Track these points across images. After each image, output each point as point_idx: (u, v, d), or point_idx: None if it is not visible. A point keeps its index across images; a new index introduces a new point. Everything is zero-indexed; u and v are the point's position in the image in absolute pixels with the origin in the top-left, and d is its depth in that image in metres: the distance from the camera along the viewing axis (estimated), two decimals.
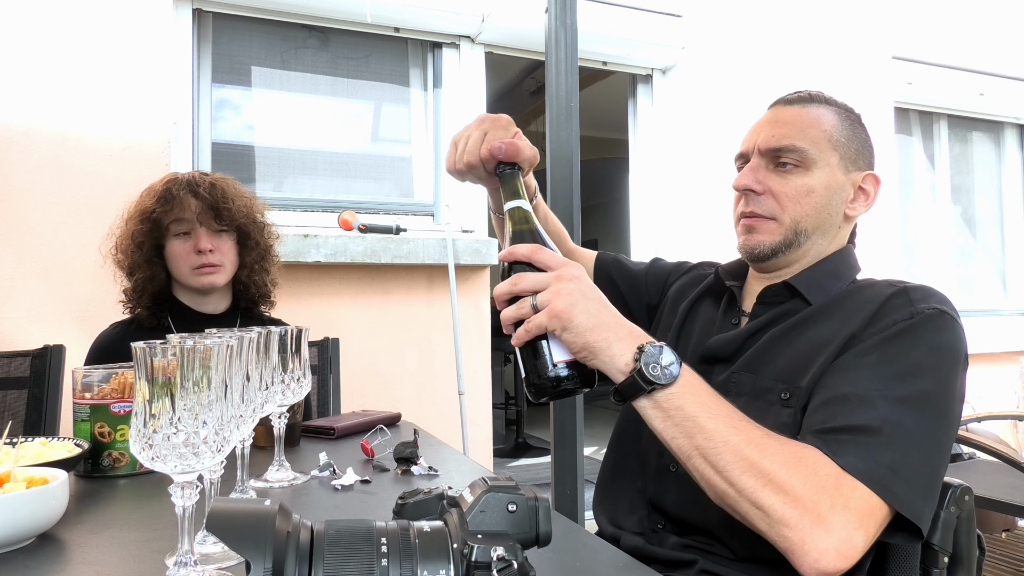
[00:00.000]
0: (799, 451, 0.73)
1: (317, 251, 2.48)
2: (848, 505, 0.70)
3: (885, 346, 0.82)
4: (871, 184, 0.99)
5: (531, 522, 0.50)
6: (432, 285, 2.75)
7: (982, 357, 3.85)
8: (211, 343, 0.59)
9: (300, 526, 0.46)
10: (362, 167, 2.87)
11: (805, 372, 0.86)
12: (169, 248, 1.51)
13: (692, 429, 0.75)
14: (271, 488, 0.95)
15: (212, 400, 0.59)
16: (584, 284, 0.79)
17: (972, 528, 0.98)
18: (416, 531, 0.48)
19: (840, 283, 0.97)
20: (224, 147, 2.67)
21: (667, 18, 3.22)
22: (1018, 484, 2.27)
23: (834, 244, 1.01)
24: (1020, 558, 2.64)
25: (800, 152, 0.94)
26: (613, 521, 1.04)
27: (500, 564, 0.45)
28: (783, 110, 1.00)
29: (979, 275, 4.37)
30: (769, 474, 0.70)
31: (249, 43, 2.70)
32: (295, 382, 0.94)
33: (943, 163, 4.26)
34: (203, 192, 1.49)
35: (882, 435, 0.75)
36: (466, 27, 2.86)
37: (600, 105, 4.82)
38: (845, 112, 1.01)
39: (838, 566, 0.69)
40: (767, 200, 0.97)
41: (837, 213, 0.97)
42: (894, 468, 0.73)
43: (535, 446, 4.31)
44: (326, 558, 0.44)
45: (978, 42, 4.05)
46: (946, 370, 0.82)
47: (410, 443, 1.07)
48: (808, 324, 0.92)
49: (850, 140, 0.97)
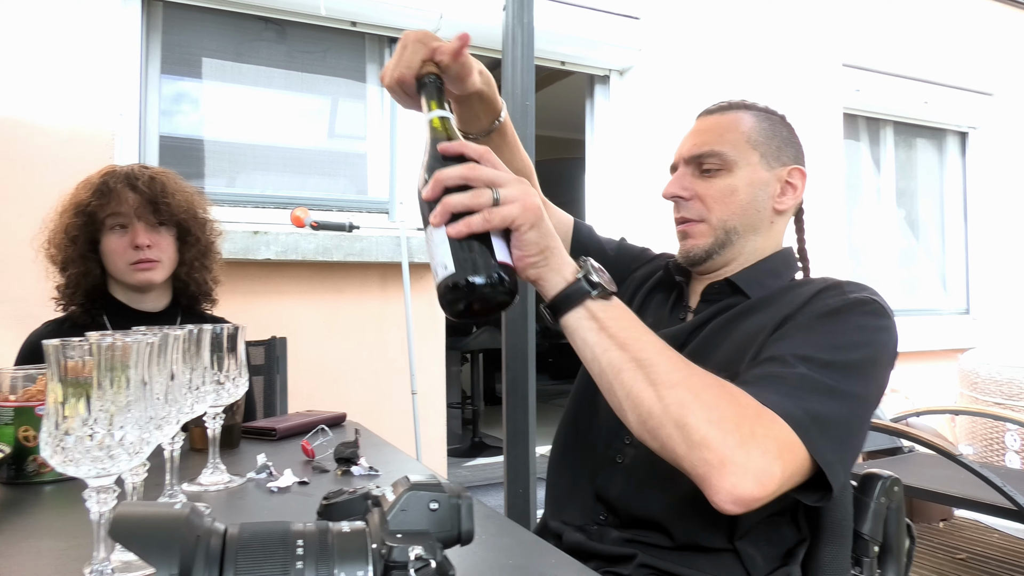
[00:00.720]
0: (723, 382, 0.74)
1: (268, 248, 2.44)
2: (768, 435, 0.70)
3: (816, 322, 0.85)
4: (797, 178, 1.03)
5: (453, 520, 0.49)
6: (386, 283, 2.73)
7: (923, 354, 3.99)
8: (130, 341, 0.58)
9: (212, 530, 0.45)
10: (316, 163, 2.83)
11: (743, 359, 0.89)
12: (105, 243, 1.47)
13: (627, 340, 0.74)
14: (204, 492, 0.93)
15: (131, 401, 0.58)
16: (538, 200, 0.77)
17: (901, 518, 1.01)
18: (335, 532, 0.47)
19: (779, 281, 1.01)
20: (173, 140, 2.60)
21: (625, 20, 3.25)
22: (954, 476, 2.35)
23: (770, 242, 1.04)
24: (956, 546, 2.73)
25: (720, 156, 1.00)
26: (558, 514, 1.04)
27: (418, 563, 0.45)
28: (704, 120, 1.07)
29: (921, 276, 4.52)
30: (698, 392, 0.71)
31: (201, 34, 2.63)
32: (230, 382, 0.92)
33: (888, 168, 4.39)
34: (142, 186, 1.44)
35: (803, 385, 0.76)
36: (423, 23, 2.84)
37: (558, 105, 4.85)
38: (765, 114, 1.05)
39: (754, 493, 0.68)
40: (695, 204, 1.01)
41: (765, 208, 1.01)
42: (813, 415, 0.74)
43: (491, 445, 4.30)
44: (238, 562, 0.43)
45: (923, 52, 4.19)
46: (871, 350, 0.84)
47: (351, 443, 1.06)
48: (747, 315, 0.96)
49: (770, 138, 1.02)
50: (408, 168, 2.85)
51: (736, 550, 0.88)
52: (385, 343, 2.72)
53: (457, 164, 0.75)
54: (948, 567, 2.54)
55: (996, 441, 3.23)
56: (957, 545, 2.75)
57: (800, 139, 1.08)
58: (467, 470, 3.93)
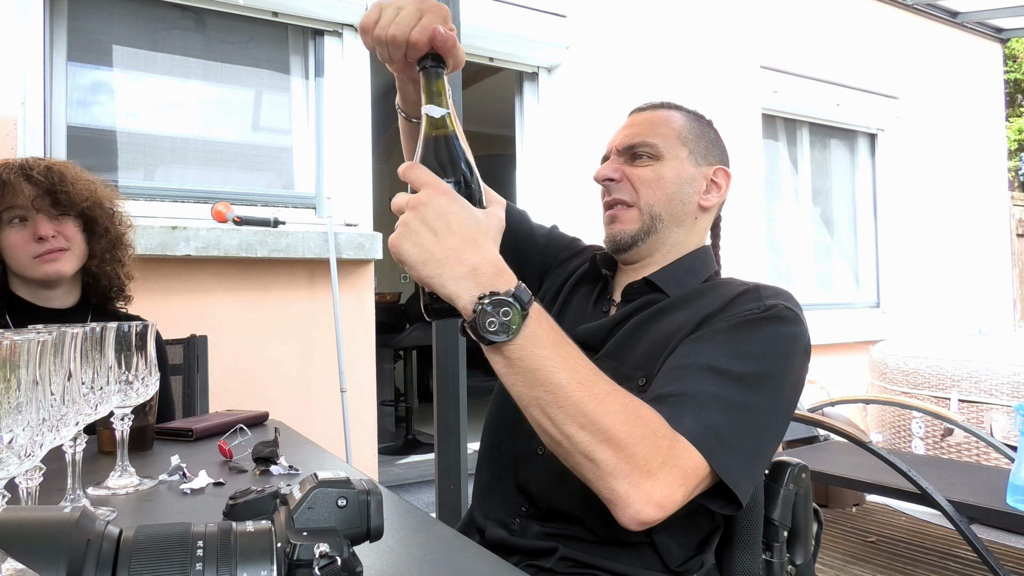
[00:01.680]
0: (640, 410, 0.75)
1: (187, 244, 2.35)
2: (676, 464, 0.74)
3: (734, 330, 0.88)
4: (722, 178, 1.07)
5: (362, 517, 0.49)
6: (313, 280, 2.67)
7: (837, 347, 4.19)
8: (20, 339, 0.54)
9: (104, 534, 0.43)
10: (239, 157, 2.74)
11: (659, 358, 0.91)
12: (4, 238, 1.38)
13: (532, 380, 0.73)
14: (111, 495, 0.89)
15: (22, 402, 0.54)
16: (427, 211, 0.72)
17: (809, 503, 1.06)
18: (238, 532, 0.46)
19: (697, 279, 1.04)
20: (83, 131, 2.47)
21: (553, 18, 3.28)
22: (866, 463, 2.48)
23: (693, 237, 1.07)
24: (868, 529, 2.89)
25: (651, 146, 1.04)
26: (481, 506, 1.05)
27: (323, 561, 0.44)
28: (637, 115, 1.11)
29: (835, 271, 4.74)
30: (607, 431, 0.72)
31: (111, 21, 2.51)
32: (139, 382, 0.88)
33: (805, 167, 4.59)
34: (37, 175, 1.37)
35: (715, 404, 0.79)
36: (349, 15, 2.80)
37: (489, 101, 4.85)
38: (695, 116, 1.10)
39: (655, 516, 0.73)
40: (625, 186, 1.05)
41: (690, 202, 1.05)
42: (720, 435, 0.77)
43: (424, 443, 4.28)
44: (132, 566, 0.42)
45: (835, 56, 4.39)
46: (785, 360, 0.88)
47: (270, 442, 1.03)
48: (665, 313, 0.98)
49: (698, 138, 1.07)
50: (335, 162, 2.80)
51: (653, 543, 0.90)
52: (313, 341, 2.67)
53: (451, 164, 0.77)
54: (859, 550, 2.68)
55: (903, 429, 3.42)
56: (868, 529, 2.90)
57: (725, 143, 1.13)
58: (400, 468, 3.89)
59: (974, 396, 3.16)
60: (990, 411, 3.06)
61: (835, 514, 3.08)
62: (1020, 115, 11.30)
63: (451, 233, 0.72)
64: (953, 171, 5.04)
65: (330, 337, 2.66)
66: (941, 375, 3.30)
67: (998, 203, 5.43)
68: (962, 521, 2.04)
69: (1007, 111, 6.58)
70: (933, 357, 3.38)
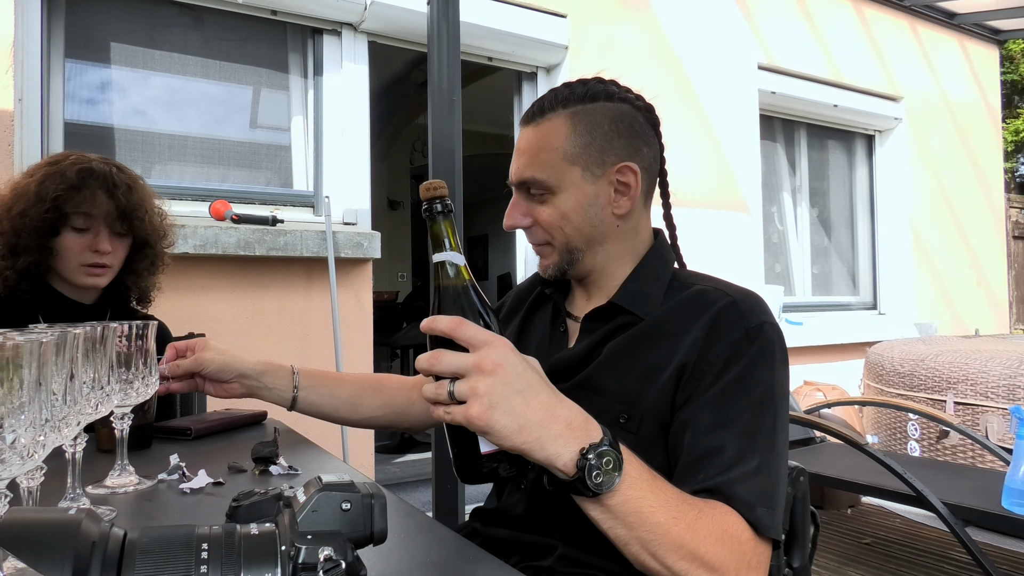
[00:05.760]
0: (723, 523, 0.77)
1: (185, 242, 2.34)
2: (761, 562, 0.78)
3: (726, 392, 0.85)
4: (628, 175, 0.95)
5: (366, 520, 0.49)
6: (311, 279, 2.67)
7: (834, 348, 4.20)
8: (23, 340, 0.54)
9: (110, 535, 0.43)
10: (237, 154, 2.74)
11: (642, 395, 0.88)
12: (62, 236, 1.41)
13: (633, 523, 0.72)
14: (111, 495, 0.89)
15: (24, 402, 0.54)
16: (507, 373, 0.68)
17: (807, 507, 1.06)
18: (242, 535, 0.46)
19: (660, 283, 0.97)
20: (80, 127, 2.46)
21: (552, 18, 3.28)
22: (862, 464, 2.48)
23: (625, 244, 0.99)
24: (863, 531, 2.89)
25: (540, 183, 0.94)
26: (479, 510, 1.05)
27: (327, 564, 0.44)
28: (523, 133, 0.99)
29: (833, 272, 4.76)
30: (703, 557, 0.74)
31: (108, 18, 2.50)
32: (139, 381, 0.88)
33: (803, 168, 4.60)
34: (120, 195, 1.41)
35: (759, 475, 0.81)
36: (347, 14, 2.79)
37: (489, 100, 4.84)
38: (582, 108, 0.96)
39: None
40: (536, 230, 0.98)
41: (602, 221, 0.96)
42: (767, 500, 0.80)
43: (421, 442, 4.28)
44: (137, 568, 0.42)
45: (833, 58, 4.40)
46: (783, 382, 0.89)
47: (269, 442, 1.03)
48: (643, 342, 0.92)
49: (587, 146, 0.94)
50: (334, 161, 2.80)
51: None
52: (311, 339, 2.66)
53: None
54: (854, 551, 2.69)
55: (899, 431, 3.43)
56: (863, 530, 2.91)
57: (644, 116, 1.00)
58: (396, 467, 3.90)
59: (970, 398, 3.17)
60: (986, 413, 3.07)
61: (830, 515, 3.08)
62: (1017, 116, 11.34)
63: (535, 391, 0.69)
64: (950, 172, 5.05)
65: (328, 335, 2.65)
66: (937, 377, 3.31)
67: (994, 205, 5.45)
68: (957, 524, 2.05)
69: (1004, 112, 6.60)
70: (929, 359, 3.38)
